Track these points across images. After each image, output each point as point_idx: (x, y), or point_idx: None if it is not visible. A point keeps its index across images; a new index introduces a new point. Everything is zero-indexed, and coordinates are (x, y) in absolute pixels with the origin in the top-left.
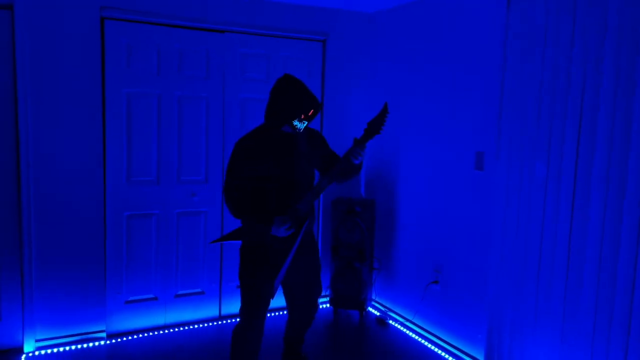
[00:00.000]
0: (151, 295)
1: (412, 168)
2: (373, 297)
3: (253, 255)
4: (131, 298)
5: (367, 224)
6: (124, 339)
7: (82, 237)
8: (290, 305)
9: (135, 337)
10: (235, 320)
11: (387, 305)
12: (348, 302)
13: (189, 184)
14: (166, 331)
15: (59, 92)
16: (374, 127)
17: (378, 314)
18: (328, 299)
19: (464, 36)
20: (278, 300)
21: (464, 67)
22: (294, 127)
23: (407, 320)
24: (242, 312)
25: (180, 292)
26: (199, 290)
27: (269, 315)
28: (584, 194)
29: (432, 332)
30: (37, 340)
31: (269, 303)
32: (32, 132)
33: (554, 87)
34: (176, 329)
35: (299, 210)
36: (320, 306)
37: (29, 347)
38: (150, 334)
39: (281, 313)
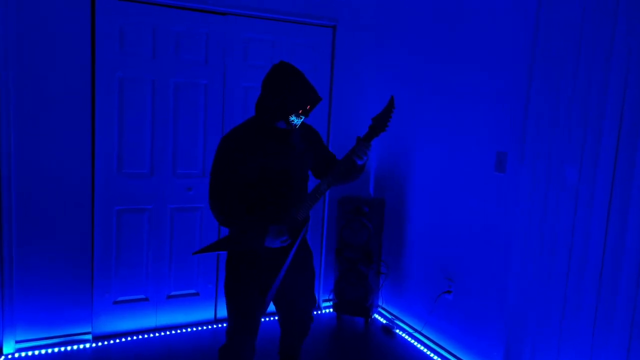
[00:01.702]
0: (142, 296)
1: (426, 166)
2: (380, 304)
3: (242, 266)
4: (120, 298)
5: (375, 224)
6: (112, 341)
7: (68, 232)
8: (282, 319)
9: (123, 339)
10: (270, 318)
11: (395, 313)
12: (352, 308)
13: (185, 177)
14: (157, 334)
15: (44, 74)
16: (379, 123)
17: (384, 322)
18: (331, 303)
19: (487, 24)
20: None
21: (487, 58)
22: (290, 123)
23: (416, 330)
24: (230, 331)
25: (173, 293)
26: (193, 291)
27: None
28: (621, 203)
29: (443, 345)
30: (17, 342)
31: (260, 320)
32: (14, 118)
33: (590, 83)
34: (168, 332)
35: (295, 217)
36: (323, 311)
37: (8, 348)
38: (140, 336)
39: (273, 318)
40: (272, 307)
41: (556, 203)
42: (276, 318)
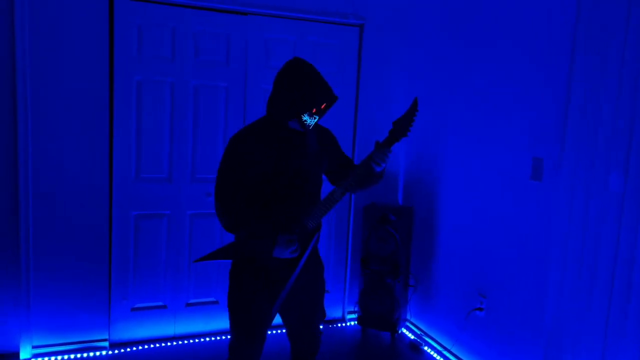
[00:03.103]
0: (160, 303)
1: (457, 173)
2: (408, 318)
3: (247, 276)
4: (138, 305)
5: (403, 234)
6: (129, 349)
7: (85, 237)
8: (291, 334)
9: (140, 347)
10: (277, 331)
11: (424, 329)
12: (378, 322)
13: (204, 182)
14: (175, 343)
15: (62, 78)
16: (401, 127)
17: (412, 337)
18: (356, 315)
19: (523, 21)
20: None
21: (522, 58)
22: (303, 123)
23: (445, 348)
24: (233, 346)
25: (191, 301)
26: (212, 299)
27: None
28: None
29: None
30: (34, 347)
31: (265, 334)
32: (32, 123)
33: (637, 81)
34: (186, 341)
35: (306, 226)
36: (348, 323)
37: (25, 353)
38: (158, 345)
39: (281, 331)
40: (278, 319)
41: (598, 214)
42: (284, 331)
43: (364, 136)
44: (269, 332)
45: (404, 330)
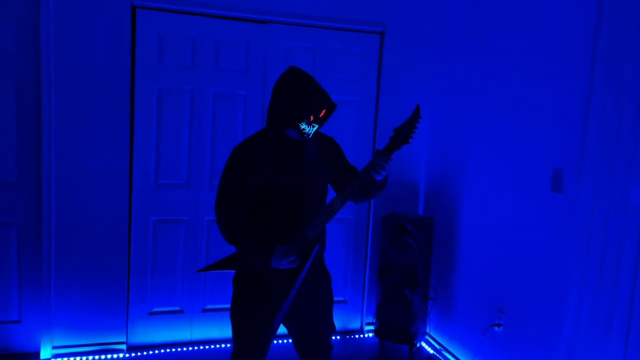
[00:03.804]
0: (177, 308)
1: (478, 184)
2: (427, 331)
3: (250, 286)
4: (155, 309)
5: (422, 245)
6: (145, 352)
7: (105, 241)
8: (297, 347)
9: (157, 351)
10: (284, 341)
11: (443, 343)
12: (396, 335)
13: None
14: (192, 348)
15: (85, 87)
16: (402, 134)
17: (431, 351)
18: (373, 327)
19: (544, 30)
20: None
21: (543, 67)
22: (302, 132)
23: None
24: (235, 356)
25: (208, 307)
26: (228, 305)
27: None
28: None
29: None
30: (54, 347)
31: (267, 346)
32: (55, 129)
33: None
34: (203, 347)
35: (306, 236)
36: (365, 335)
37: (45, 353)
38: (174, 349)
39: (287, 341)
40: (283, 329)
41: (620, 228)
42: (290, 341)
43: (383, 145)
44: (278, 342)
45: (424, 344)
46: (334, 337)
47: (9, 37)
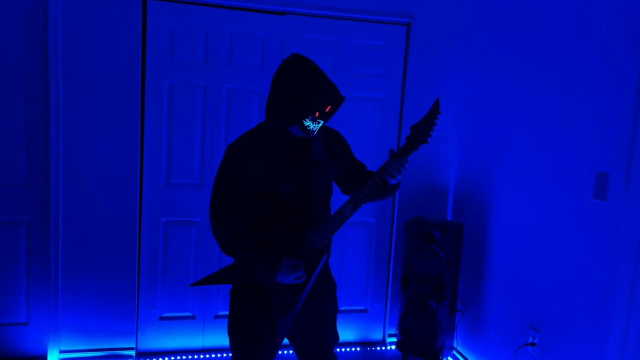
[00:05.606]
0: (188, 313)
1: (511, 188)
2: (454, 345)
3: (249, 300)
4: (166, 314)
5: (450, 254)
6: (155, 359)
7: (114, 242)
8: (300, 355)
9: (167, 358)
10: (287, 352)
11: (471, 359)
12: (420, 349)
13: None
14: (203, 356)
15: (94, 82)
16: (419, 133)
17: None
18: (395, 339)
19: (588, 24)
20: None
21: (585, 63)
22: (306, 129)
23: None
24: None
25: (221, 313)
26: None
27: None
28: None
29: None
30: (61, 352)
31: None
32: (63, 126)
33: None
34: (215, 355)
35: (313, 246)
36: (388, 347)
37: (52, 357)
38: (185, 357)
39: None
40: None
41: None
42: (292, 352)
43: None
44: (284, 352)
45: (450, 359)
46: (354, 349)
47: (17, 32)
